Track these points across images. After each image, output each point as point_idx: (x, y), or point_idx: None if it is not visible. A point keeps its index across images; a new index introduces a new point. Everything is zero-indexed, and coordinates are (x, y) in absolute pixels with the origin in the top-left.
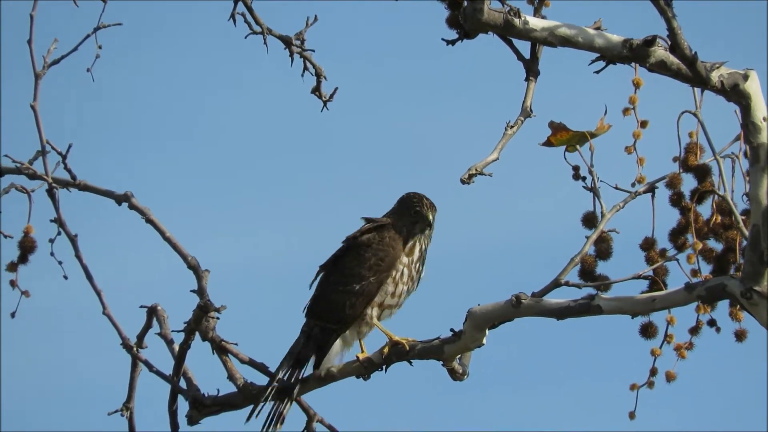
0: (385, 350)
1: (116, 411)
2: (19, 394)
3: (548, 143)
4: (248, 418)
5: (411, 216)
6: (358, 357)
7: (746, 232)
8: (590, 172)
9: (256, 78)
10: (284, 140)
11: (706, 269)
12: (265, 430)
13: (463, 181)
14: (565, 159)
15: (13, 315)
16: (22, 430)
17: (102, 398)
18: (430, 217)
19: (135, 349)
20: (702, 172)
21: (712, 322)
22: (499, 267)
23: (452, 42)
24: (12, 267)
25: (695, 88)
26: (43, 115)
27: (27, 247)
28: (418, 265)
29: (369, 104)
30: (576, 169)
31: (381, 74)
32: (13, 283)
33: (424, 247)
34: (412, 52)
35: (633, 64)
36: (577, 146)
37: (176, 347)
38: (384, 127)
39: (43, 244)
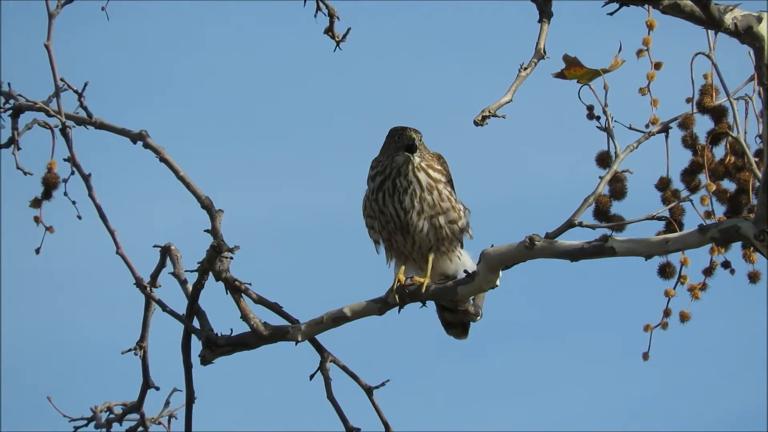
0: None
1: (130, 350)
2: (32, 334)
3: (561, 75)
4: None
5: (396, 142)
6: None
7: (759, 174)
8: (604, 112)
9: (275, 21)
10: (301, 86)
11: (719, 211)
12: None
13: (476, 123)
14: (580, 98)
15: (37, 251)
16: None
17: (116, 337)
18: (413, 135)
19: (148, 288)
20: (718, 113)
21: (726, 264)
22: (513, 210)
23: None
24: (36, 203)
25: (709, 31)
26: (57, 56)
27: (51, 183)
28: (380, 195)
29: (384, 49)
30: (590, 108)
31: (396, 18)
32: (37, 219)
33: (395, 182)
34: None
35: (646, 6)
36: (590, 84)
37: (190, 287)
38: (400, 72)
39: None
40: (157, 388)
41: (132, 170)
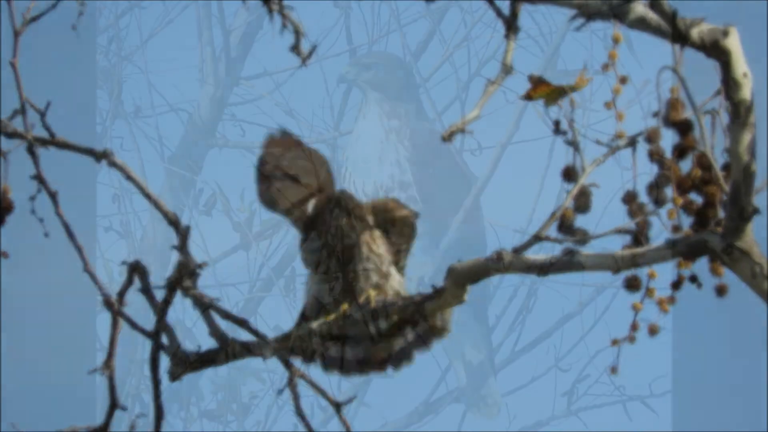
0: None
1: (95, 370)
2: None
3: (528, 97)
4: None
5: None
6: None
7: (726, 188)
8: (570, 127)
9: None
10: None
11: (687, 224)
12: None
13: (444, 139)
14: (546, 113)
15: None
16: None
17: (83, 355)
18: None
19: (116, 306)
20: (684, 127)
21: (693, 278)
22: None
23: None
24: None
25: (675, 45)
26: (23, 73)
27: (4, 208)
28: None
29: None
30: (557, 123)
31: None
32: None
33: None
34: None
35: (613, 20)
36: (558, 102)
37: (158, 304)
38: None
39: (22, 204)
40: (125, 409)
41: (98, 187)
